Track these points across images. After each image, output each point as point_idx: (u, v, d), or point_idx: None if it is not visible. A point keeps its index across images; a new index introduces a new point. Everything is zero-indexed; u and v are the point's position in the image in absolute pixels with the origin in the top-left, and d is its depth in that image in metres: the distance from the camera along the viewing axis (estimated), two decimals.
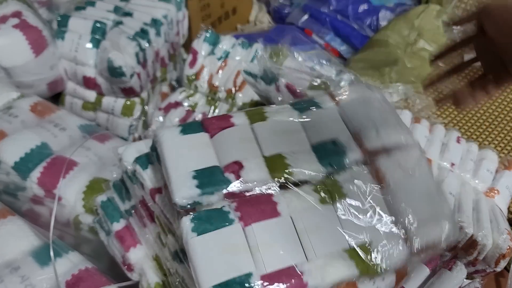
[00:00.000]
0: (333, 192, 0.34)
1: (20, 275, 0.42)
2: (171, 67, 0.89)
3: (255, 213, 0.31)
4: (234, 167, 0.33)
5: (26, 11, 0.69)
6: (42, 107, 0.64)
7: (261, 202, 0.32)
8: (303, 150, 0.35)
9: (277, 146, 0.35)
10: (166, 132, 0.35)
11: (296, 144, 0.35)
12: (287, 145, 0.35)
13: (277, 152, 0.34)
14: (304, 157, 0.35)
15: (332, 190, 0.34)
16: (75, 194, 0.53)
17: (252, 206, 0.32)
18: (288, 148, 0.35)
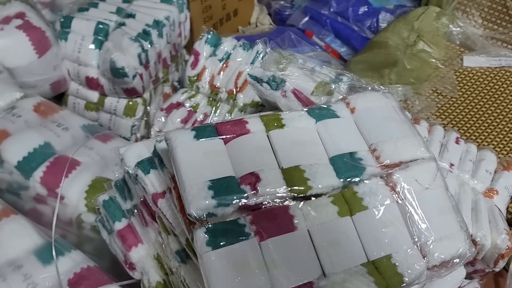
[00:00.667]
0: (352, 205, 0.33)
1: (23, 274, 0.42)
2: (173, 68, 0.89)
3: (271, 227, 0.31)
4: (251, 179, 0.32)
5: (30, 12, 0.70)
6: (45, 107, 0.64)
7: (277, 215, 0.31)
8: (321, 163, 0.34)
9: (295, 157, 0.34)
10: (180, 136, 0.34)
11: (314, 156, 0.34)
12: (305, 157, 0.34)
13: (295, 165, 0.33)
14: (323, 170, 0.34)
15: (351, 202, 0.33)
16: (77, 193, 0.53)
17: (268, 219, 0.31)
18: (306, 160, 0.34)
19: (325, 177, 0.33)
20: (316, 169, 0.33)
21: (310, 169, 0.33)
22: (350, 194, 0.33)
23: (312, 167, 0.33)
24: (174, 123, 0.74)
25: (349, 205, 0.33)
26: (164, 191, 0.38)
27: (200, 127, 0.35)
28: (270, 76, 0.47)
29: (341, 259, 0.31)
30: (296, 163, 0.33)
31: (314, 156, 0.34)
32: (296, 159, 0.34)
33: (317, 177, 0.33)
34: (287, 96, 0.45)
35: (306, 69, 0.53)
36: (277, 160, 0.34)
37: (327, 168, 0.34)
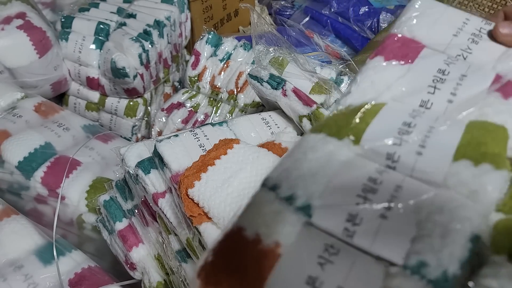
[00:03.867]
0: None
1: (24, 274, 0.42)
2: (173, 68, 0.89)
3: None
4: None
5: (30, 12, 0.70)
6: (46, 107, 0.64)
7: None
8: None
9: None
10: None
11: None
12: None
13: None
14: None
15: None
16: (78, 193, 0.53)
17: None
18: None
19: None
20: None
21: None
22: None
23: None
24: (175, 123, 0.74)
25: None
26: (165, 191, 0.38)
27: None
28: (270, 75, 0.47)
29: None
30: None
31: None
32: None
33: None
34: (287, 95, 0.45)
35: (306, 69, 0.53)
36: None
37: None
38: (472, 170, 0.20)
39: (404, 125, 0.23)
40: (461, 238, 0.18)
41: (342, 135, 0.23)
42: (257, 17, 0.54)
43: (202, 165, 0.36)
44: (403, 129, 0.22)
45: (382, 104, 0.24)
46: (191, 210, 0.34)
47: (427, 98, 0.24)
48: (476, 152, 0.21)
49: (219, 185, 0.34)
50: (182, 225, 0.37)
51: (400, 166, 0.21)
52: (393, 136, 0.22)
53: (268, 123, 0.46)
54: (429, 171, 0.21)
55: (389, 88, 0.25)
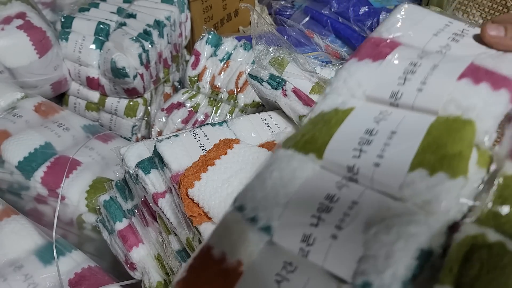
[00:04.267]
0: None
1: (24, 274, 0.42)
2: (173, 68, 0.89)
3: None
4: None
5: (30, 12, 0.70)
6: (46, 107, 0.64)
7: None
8: None
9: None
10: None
11: None
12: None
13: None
14: None
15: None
16: (78, 193, 0.53)
17: None
18: None
19: None
20: None
21: None
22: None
23: None
24: (175, 123, 0.74)
25: None
26: (165, 191, 0.39)
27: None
28: (270, 75, 0.47)
29: None
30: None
31: None
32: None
33: None
34: (287, 95, 0.45)
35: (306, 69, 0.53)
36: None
37: None
38: (427, 180, 0.20)
39: (366, 133, 0.23)
40: (405, 257, 0.18)
41: (307, 150, 0.24)
42: (257, 17, 0.54)
43: (202, 165, 0.36)
44: (364, 139, 0.22)
45: (350, 109, 0.24)
46: (191, 210, 0.34)
47: (397, 89, 0.24)
48: (434, 158, 0.20)
49: (219, 185, 0.34)
50: (182, 225, 0.37)
51: (361, 178, 0.21)
52: (353, 147, 0.22)
53: (268, 123, 0.46)
54: (386, 183, 0.21)
55: (360, 85, 0.25)
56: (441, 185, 0.19)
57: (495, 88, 0.23)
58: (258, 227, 0.22)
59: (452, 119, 0.22)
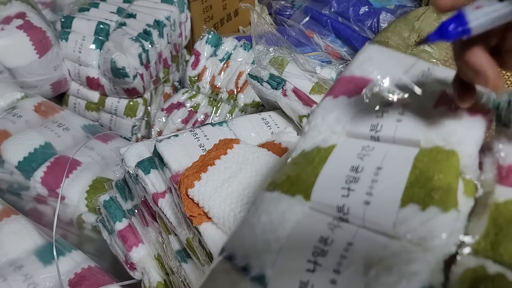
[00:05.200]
0: None
1: (23, 274, 0.42)
2: (173, 68, 0.89)
3: None
4: None
5: (30, 12, 0.70)
6: (45, 107, 0.64)
7: None
8: None
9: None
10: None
11: None
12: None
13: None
14: None
15: None
16: (78, 193, 0.53)
17: None
18: None
19: None
20: None
21: None
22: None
23: None
24: (174, 123, 0.74)
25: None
26: (165, 191, 0.38)
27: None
28: (270, 75, 0.47)
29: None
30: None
31: None
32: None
33: None
34: (287, 95, 0.45)
35: (306, 69, 0.53)
36: None
37: None
38: (419, 216, 0.19)
39: (351, 170, 0.22)
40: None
41: (294, 191, 0.23)
42: (257, 17, 0.54)
43: (202, 165, 0.36)
44: (351, 176, 0.22)
45: (332, 146, 0.24)
46: (191, 210, 0.34)
47: (376, 122, 0.24)
48: (424, 191, 0.20)
49: (219, 185, 0.34)
50: (182, 225, 0.37)
51: (352, 217, 0.21)
52: (341, 186, 0.22)
53: (268, 123, 0.46)
54: (379, 221, 0.20)
55: (338, 120, 0.25)
56: (434, 219, 0.19)
57: (472, 115, 0.23)
58: (251, 277, 0.20)
59: (436, 150, 0.22)
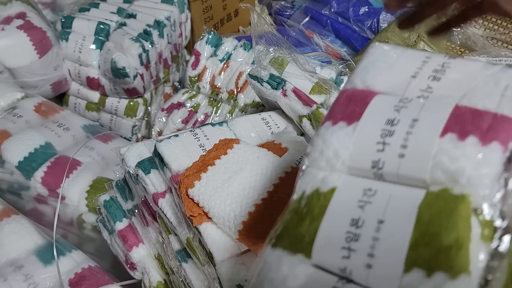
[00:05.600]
0: None
1: (24, 274, 0.42)
2: (173, 68, 0.89)
3: None
4: None
5: (31, 12, 0.70)
6: (46, 107, 0.64)
7: None
8: None
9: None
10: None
11: None
12: None
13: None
14: None
15: None
16: (78, 193, 0.53)
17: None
18: None
19: None
20: None
21: None
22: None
23: None
24: (175, 123, 0.74)
25: None
26: (165, 190, 0.39)
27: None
28: (270, 75, 0.47)
29: None
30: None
31: None
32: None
33: None
34: (287, 95, 0.45)
35: (306, 69, 0.53)
36: None
37: None
38: (425, 284, 0.17)
39: (352, 225, 0.21)
40: None
41: (294, 249, 0.22)
42: (257, 17, 0.54)
43: (202, 165, 0.36)
44: (351, 233, 0.20)
45: (332, 190, 0.22)
46: (191, 210, 0.34)
47: (377, 157, 0.22)
48: (429, 252, 0.18)
49: (219, 185, 0.34)
50: (182, 225, 0.37)
51: (356, 278, 0.20)
52: (341, 245, 0.20)
53: (268, 123, 0.46)
54: (382, 286, 0.19)
55: (337, 155, 0.23)
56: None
57: (485, 143, 0.20)
58: None
59: (442, 196, 0.20)
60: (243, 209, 0.33)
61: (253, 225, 0.33)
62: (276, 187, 0.35)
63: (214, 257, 0.33)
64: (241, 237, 0.33)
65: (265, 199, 0.34)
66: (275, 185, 0.35)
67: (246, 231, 0.33)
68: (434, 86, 0.24)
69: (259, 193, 0.34)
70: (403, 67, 0.25)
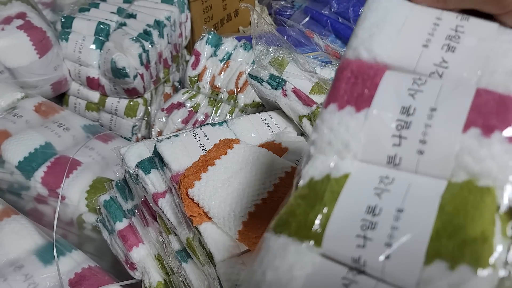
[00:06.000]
0: None
1: (24, 274, 0.42)
2: (173, 68, 0.89)
3: None
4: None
5: (31, 12, 0.70)
6: (46, 107, 0.64)
7: None
8: None
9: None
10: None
11: None
12: None
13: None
14: None
15: None
16: (78, 193, 0.53)
17: None
18: None
19: None
20: None
21: None
22: None
23: None
24: (175, 123, 0.74)
25: None
26: (165, 190, 0.39)
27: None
28: (270, 75, 0.47)
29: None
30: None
31: None
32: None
33: None
34: (287, 95, 0.45)
35: (306, 69, 0.53)
36: None
37: None
38: (447, 276, 0.17)
39: (368, 212, 0.19)
40: None
41: (302, 236, 0.20)
42: (257, 17, 0.54)
43: (202, 165, 0.36)
44: (367, 221, 0.19)
45: (345, 176, 0.21)
46: (191, 210, 0.34)
47: (393, 152, 0.20)
48: (452, 244, 0.17)
49: (219, 185, 0.34)
50: (182, 225, 0.37)
51: (369, 269, 0.18)
52: (356, 233, 0.19)
53: (268, 123, 0.46)
54: (400, 278, 0.18)
55: (348, 148, 0.21)
56: (466, 283, 0.16)
57: (511, 139, 0.18)
58: None
59: (467, 187, 0.19)
60: (243, 209, 0.33)
61: (253, 225, 0.33)
62: (276, 187, 0.35)
63: (214, 257, 0.33)
64: (241, 237, 0.33)
65: (265, 199, 0.34)
66: (275, 185, 0.35)
67: (246, 231, 0.33)
68: (449, 59, 0.21)
69: (259, 193, 0.34)
70: (413, 32, 0.22)
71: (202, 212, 0.34)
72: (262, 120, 0.46)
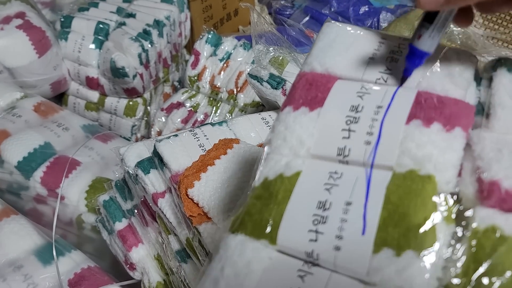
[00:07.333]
0: None
1: (23, 274, 0.42)
2: (173, 68, 0.89)
3: None
4: None
5: (30, 12, 0.70)
6: (45, 107, 0.64)
7: None
8: None
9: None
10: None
11: None
12: None
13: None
14: None
15: None
16: (78, 193, 0.53)
17: None
18: None
19: None
20: None
21: None
22: None
23: None
24: (174, 123, 0.74)
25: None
26: (164, 191, 0.38)
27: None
28: (270, 75, 0.47)
29: None
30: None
31: None
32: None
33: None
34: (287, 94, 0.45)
35: None
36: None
37: None
38: (394, 263, 0.18)
39: (319, 207, 0.20)
40: None
41: (258, 235, 0.21)
42: (257, 16, 0.54)
43: (202, 165, 0.36)
44: (318, 216, 0.20)
45: (297, 174, 0.22)
46: (190, 210, 0.34)
47: (343, 145, 0.21)
48: (398, 232, 0.18)
49: (219, 185, 0.34)
50: (182, 225, 0.37)
51: (323, 262, 0.19)
52: (308, 228, 0.20)
53: (268, 123, 0.46)
54: (351, 268, 0.18)
55: (302, 143, 0.22)
56: (411, 266, 0.17)
57: (448, 129, 0.21)
58: None
59: (410, 176, 0.20)
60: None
61: None
62: None
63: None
64: None
65: None
66: None
67: None
68: (393, 68, 0.24)
69: None
70: (361, 48, 0.25)
71: (202, 212, 0.34)
72: (262, 119, 0.46)
